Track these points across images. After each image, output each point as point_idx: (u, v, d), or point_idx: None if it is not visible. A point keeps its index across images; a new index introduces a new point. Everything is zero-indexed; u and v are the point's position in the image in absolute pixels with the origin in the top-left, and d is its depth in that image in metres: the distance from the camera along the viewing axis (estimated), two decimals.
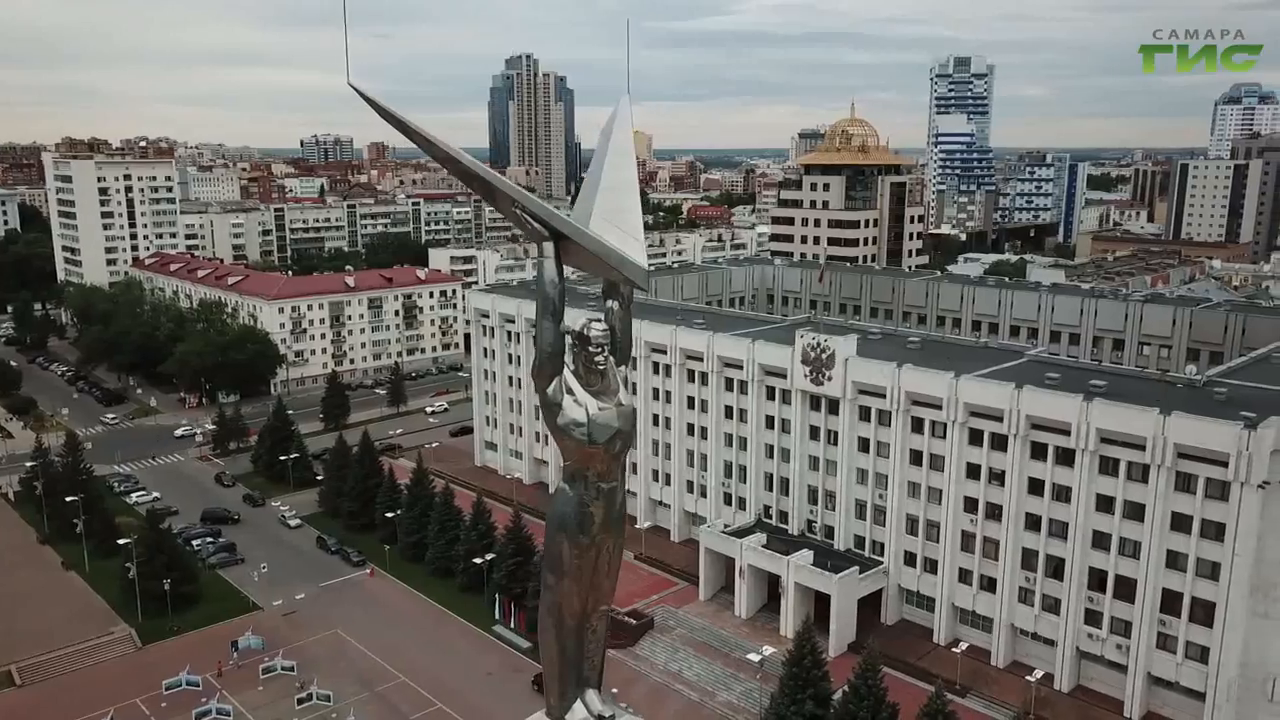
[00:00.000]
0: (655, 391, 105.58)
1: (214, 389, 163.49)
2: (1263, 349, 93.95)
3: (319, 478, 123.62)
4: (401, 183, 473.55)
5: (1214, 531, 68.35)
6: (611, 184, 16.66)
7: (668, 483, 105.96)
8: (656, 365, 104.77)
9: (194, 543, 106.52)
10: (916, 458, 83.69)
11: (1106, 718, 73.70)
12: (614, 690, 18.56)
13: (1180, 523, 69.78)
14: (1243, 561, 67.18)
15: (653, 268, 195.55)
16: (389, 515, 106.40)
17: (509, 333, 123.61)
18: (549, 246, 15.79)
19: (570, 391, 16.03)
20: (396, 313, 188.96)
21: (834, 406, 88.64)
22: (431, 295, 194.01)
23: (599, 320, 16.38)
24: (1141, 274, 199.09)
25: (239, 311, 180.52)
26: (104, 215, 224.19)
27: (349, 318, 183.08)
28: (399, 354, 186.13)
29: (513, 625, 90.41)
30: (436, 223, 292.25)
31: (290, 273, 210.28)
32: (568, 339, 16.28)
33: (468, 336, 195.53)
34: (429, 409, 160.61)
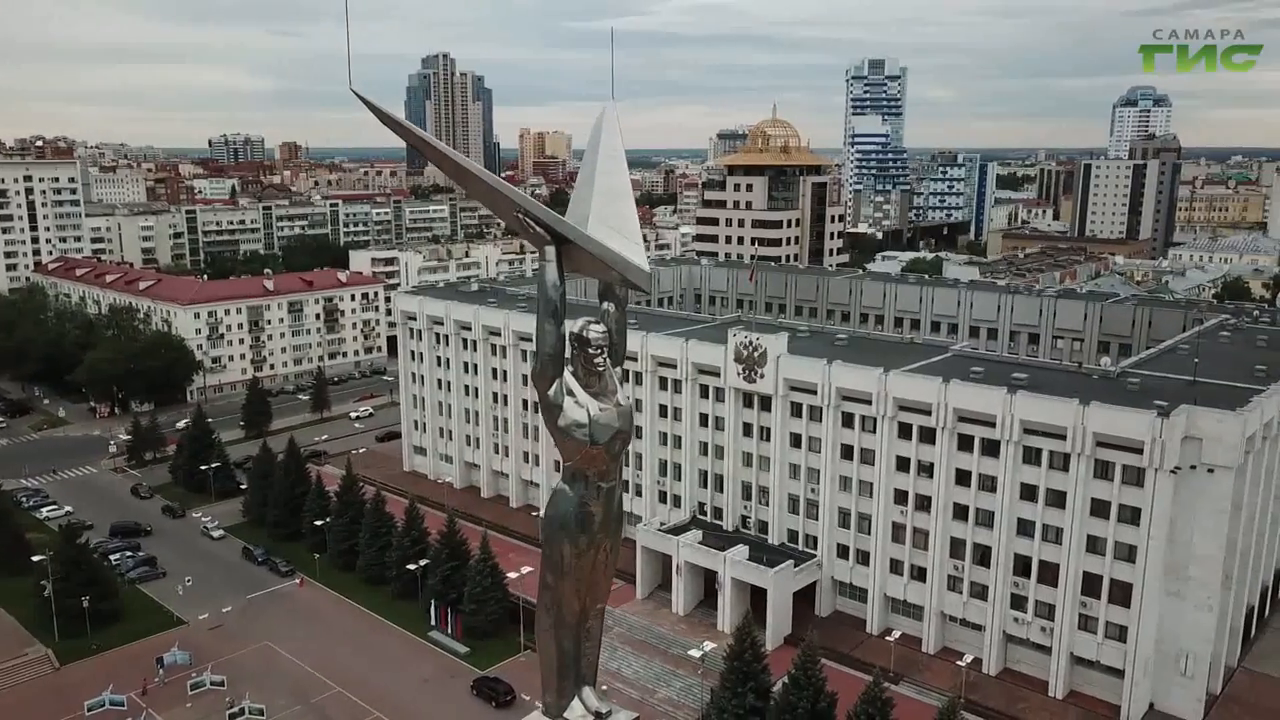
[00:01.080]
0: None
1: (126, 398, 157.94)
2: (1169, 340, 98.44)
3: (242, 487, 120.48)
4: (316, 183, 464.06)
5: (1130, 516, 71.44)
6: (606, 189, 16.89)
7: None
8: None
9: (112, 557, 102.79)
10: (848, 452, 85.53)
11: (1033, 698, 76.33)
12: (604, 688, 18.83)
13: (1099, 508, 72.74)
14: (1157, 544, 70.41)
15: None
16: (318, 523, 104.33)
17: (437, 335, 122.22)
18: (550, 250, 15.97)
19: (571, 393, 16.24)
20: (317, 316, 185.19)
21: (766, 403, 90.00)
22: (353, 298, 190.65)
23: (597, 323, 16.61)
24: (1051, 270, 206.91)
25: (151, 317, 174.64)
26: (2, 219, 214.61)
27: (268, 322, 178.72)
28: (321, 358, 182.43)
29: (449, 631, 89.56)
30: (355, 224, 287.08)
31: (205, 276, 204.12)
32: (567, 342, 16.46)
33: (391, 339, 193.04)
34: (354, 414, 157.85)
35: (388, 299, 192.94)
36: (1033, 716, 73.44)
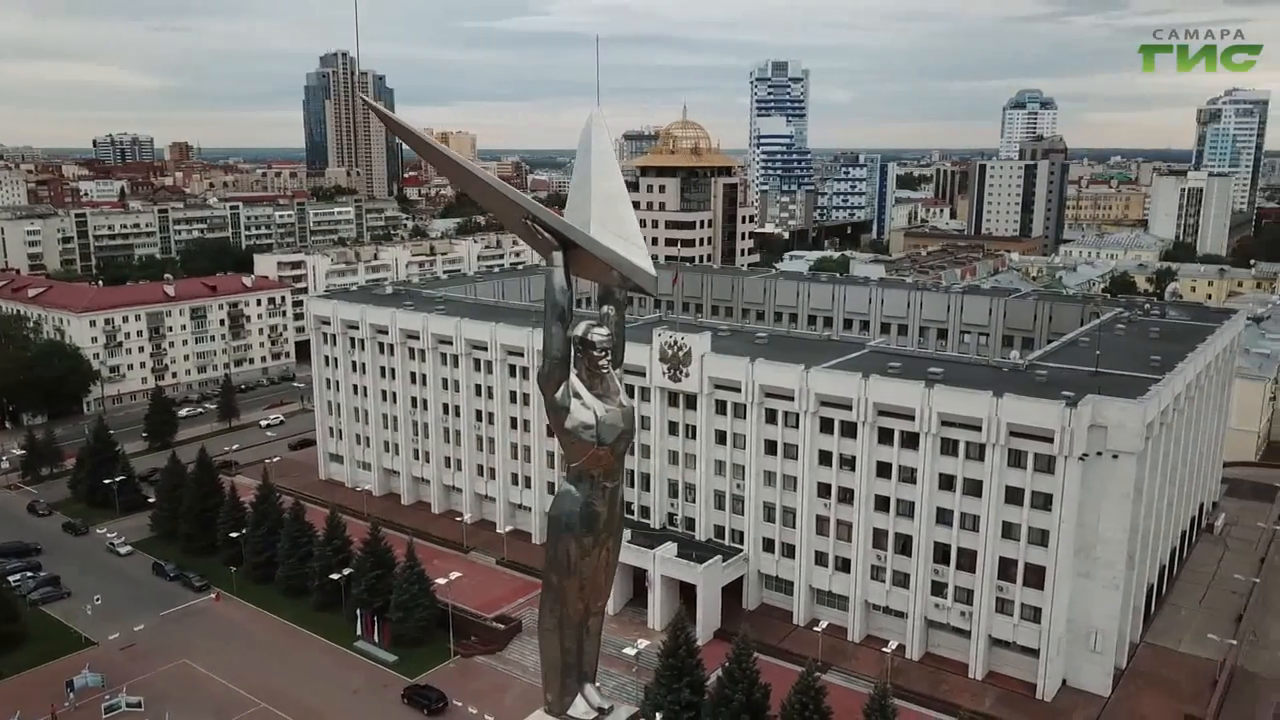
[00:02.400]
0: (513, 395, 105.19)
1: (18, 410, 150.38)
2: (1070, 334, 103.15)
3: (150, 500, 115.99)
4: (211, 185, 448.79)
5: (1043, 502, 74.75)
6: (604, 193, 17.19)
7: (528, 486, 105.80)
8: (513, 368, 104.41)
9: (11, 578, 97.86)
10: (771, 447, 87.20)
11: (954, 680, 79.15)
12: (599, 685, 19.14)
13: (1013, 496, 75.89)
14: (1067, 528, 73.88)
15: (498, 269, 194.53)
16: (233, 535, 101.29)
17: (352, 340, 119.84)
18: (558, 256, 16.18)
19: (578, 395, 16.50)
20: (222, 322, 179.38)
21: (691, 401, 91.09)
22: (259, 303, 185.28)
23: (600, 326, 16.89)
24: (952, 267, 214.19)
25: (43, 326, 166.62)
26: None
27: (170, 329, 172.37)
28: (227, 366, 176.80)
29: (376, 640, 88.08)
30: (258, 227, 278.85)
31: (99, 283, 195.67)
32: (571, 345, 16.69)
33: (300, 345, 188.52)
34: (264, 422, 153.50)
35: (295, 303, 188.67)
36: (954, 698, 76.04)
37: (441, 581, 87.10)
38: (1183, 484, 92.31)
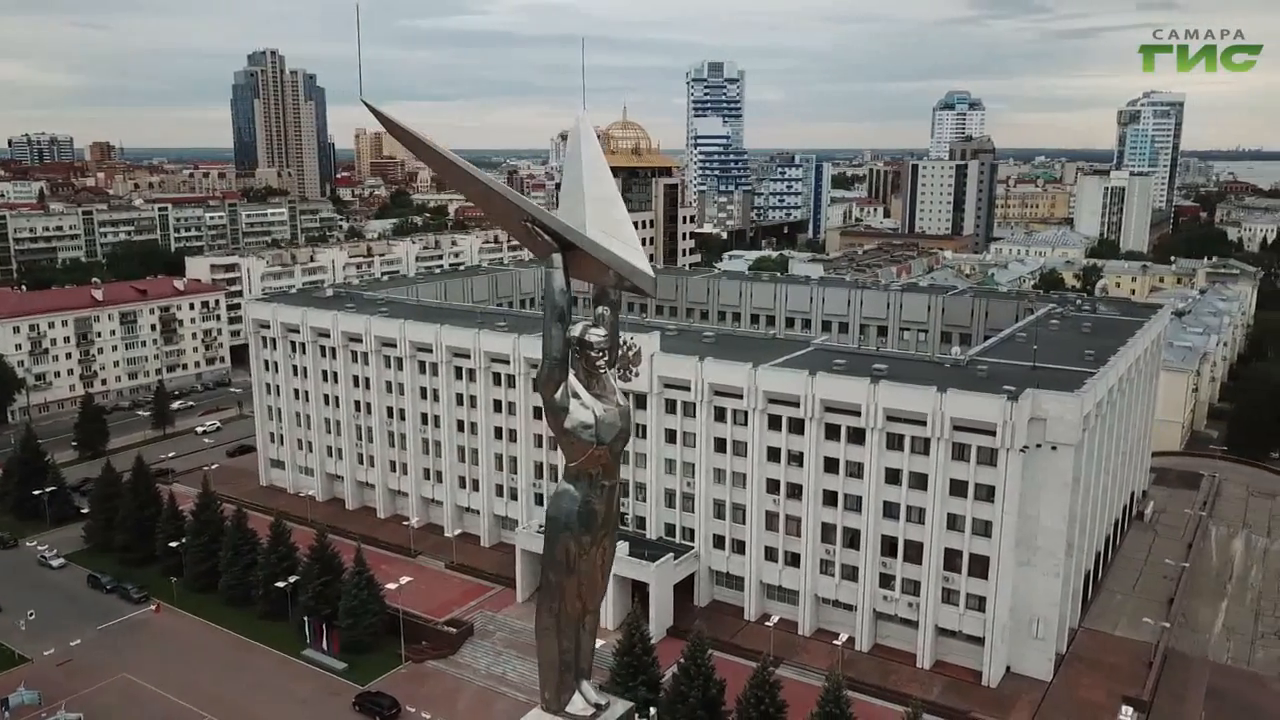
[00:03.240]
0: (459, 397, 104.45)
1: None
2: (1007, 329, 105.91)
3: (82, 511, 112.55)
4: (137, 186, 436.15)
5: (986, 494, 76.73)
6: (598, 196, 17.38)
7: (476, 488, 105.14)
8: (460, 370, 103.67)
9: None
10: (721, 445, 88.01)
11: (902, 670, 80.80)
12: (597, 683, 19.36)
13: (957, 488, 77.78)
14: (1010, 519, 75.95)
15: (437, 270, 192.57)
16: (172, 545, 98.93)
17: (292, 343, 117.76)
18: (557, 258, 16.34)
19: (577, 395, 16.68)
20: (153, 327, 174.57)
21: (641, 401, 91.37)
22: (192, 307, 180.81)
23: (596, 327, 17.08)
24: (888, 265, 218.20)
25: None
26: None
27: (99, 335, 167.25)
28: (159, 371, 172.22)
29: (325, 648, 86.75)
30: (188, 229, 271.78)
31: (22, 287, 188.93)
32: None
33: (235, 349, 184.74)
34: (200, 429, 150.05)
35: (230, 307, 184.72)
36: (904, 688, 77.47)
37: (392, 587, 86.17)
38: (1116, 473, 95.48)
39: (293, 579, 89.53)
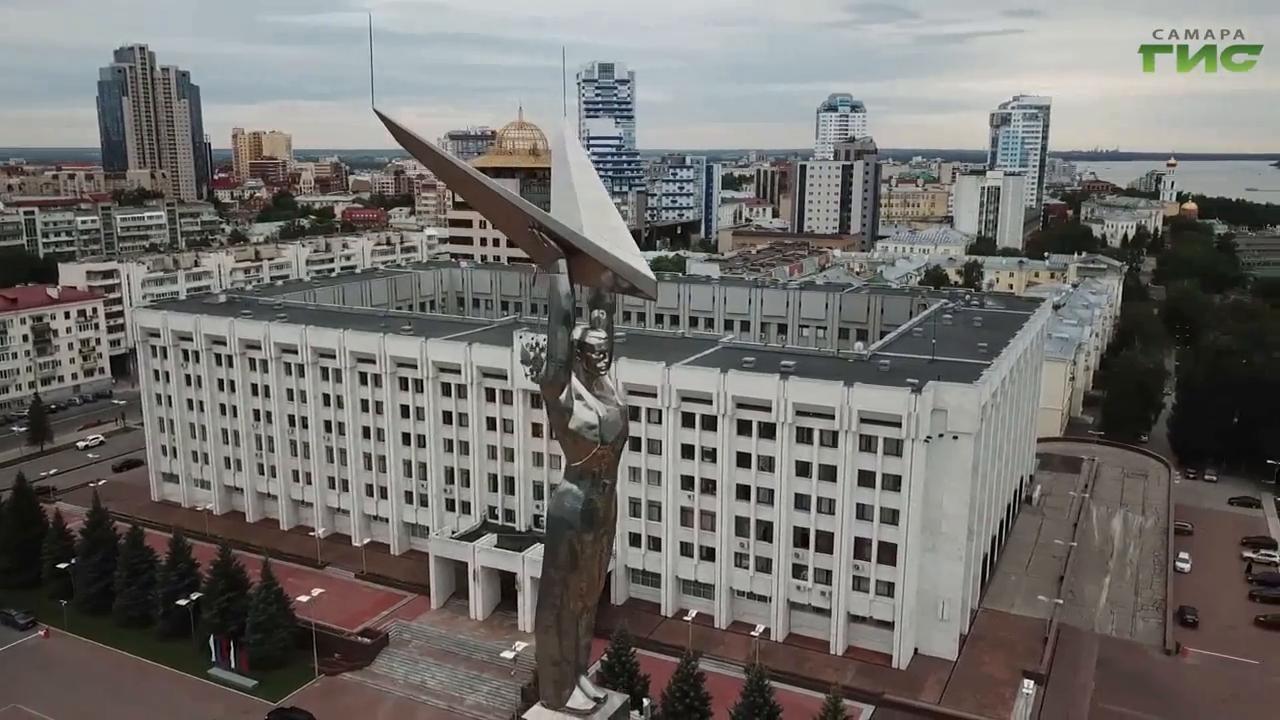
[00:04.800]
0: (365, 403, 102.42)
1: None
2: (903, 325, 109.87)
3: None
4: None
5: (892, 483, 79.69)
6: (592, 203, 17.75)
7: (384, 496, 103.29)
8: (365, 375, 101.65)
9: None
10: (635, 444, 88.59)
11: (817, 658, 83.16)
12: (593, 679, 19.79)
13: (865, 479, 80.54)
14: (916, 507, 79.10)
15: (329, 274, 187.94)
16: (60, 566, 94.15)
17: (185, 352, 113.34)
18: (562, 263, 16.66)
19: (580, 397, 17.04)
20: (25, 338, 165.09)
21: None
22: (68, 316, 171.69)
23: (596, 329, 17.46)
24: (781, 265, 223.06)
25: None
26: None
27: None
28: (33, 384, 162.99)
29: (233, 665, 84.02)
30: (57, 234, 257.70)
31: None
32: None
33: (116, 359, 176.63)
34: (82, 443, 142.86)
35: (110, 315, 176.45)
36: (819, 674, 79.75)
37: (304, 599, 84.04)
38: (1008, 460, 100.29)
39: (195, 596, 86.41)
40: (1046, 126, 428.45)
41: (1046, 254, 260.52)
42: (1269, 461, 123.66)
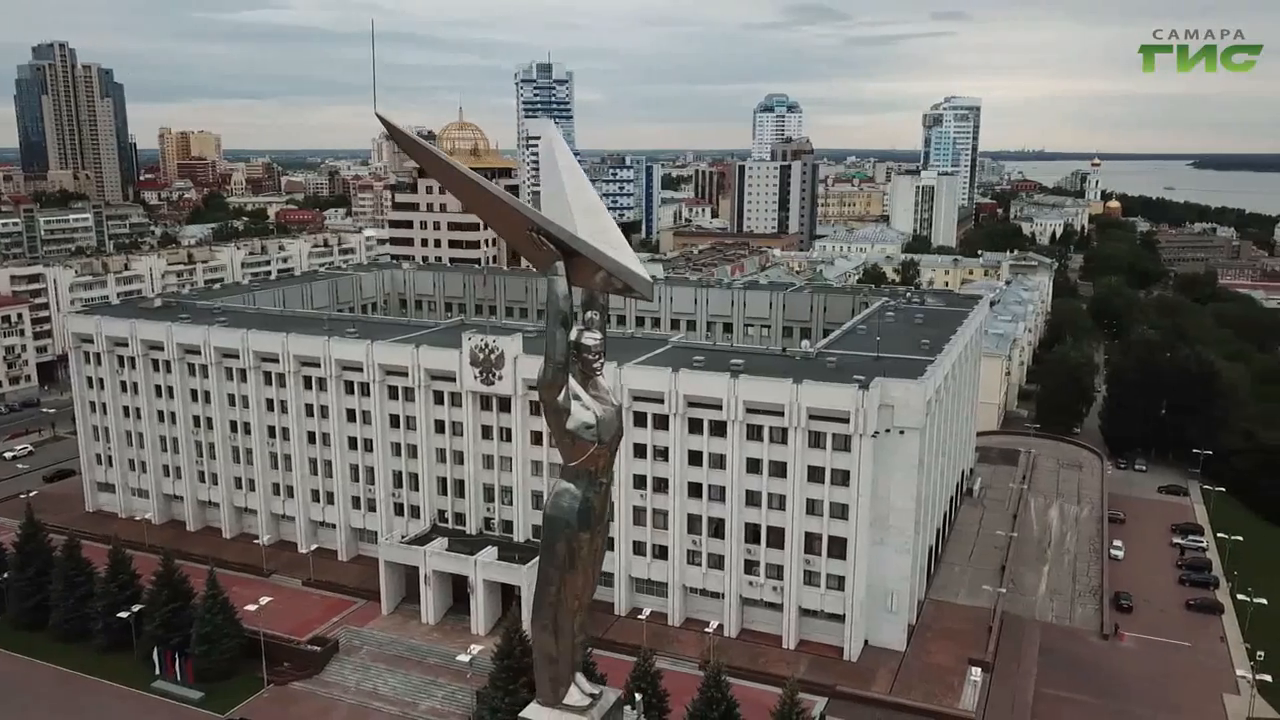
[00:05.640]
0: (309, 408, 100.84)
1: None
2: (847, 323, 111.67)
3: None
4: None
5: (842, 478, 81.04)
6: (584, 206, 17.96)
7: (331, 501, 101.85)
8: (309, 380, 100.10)
9: None
10: None
11: (770, 652, 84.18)
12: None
13: (815, 474, 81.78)
14: (864, 500, 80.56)
15: (265, 276, 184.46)
16: None
17: (121, 358, 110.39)
18: (560, 265, 16.84)
19: (578, 397, 17.25)
20: None
21: (506, 404, 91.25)
22: None
23: (591, 331, 17.67)
24: (723, 264, 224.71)
25: None
26: None
27: None
28: None
29: (178, 677, 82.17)
30: None
31: None
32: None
33: (43, 366, 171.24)
34: (10, 454, 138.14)
35: (36, 321, 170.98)
36: (772, 669, 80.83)
37: (252, 608, 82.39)
38: (950, 454, 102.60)
39: (136, 608, 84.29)
40: (977, 127, 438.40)
41: (980, 252, 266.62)
42: (1194, 451, 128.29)
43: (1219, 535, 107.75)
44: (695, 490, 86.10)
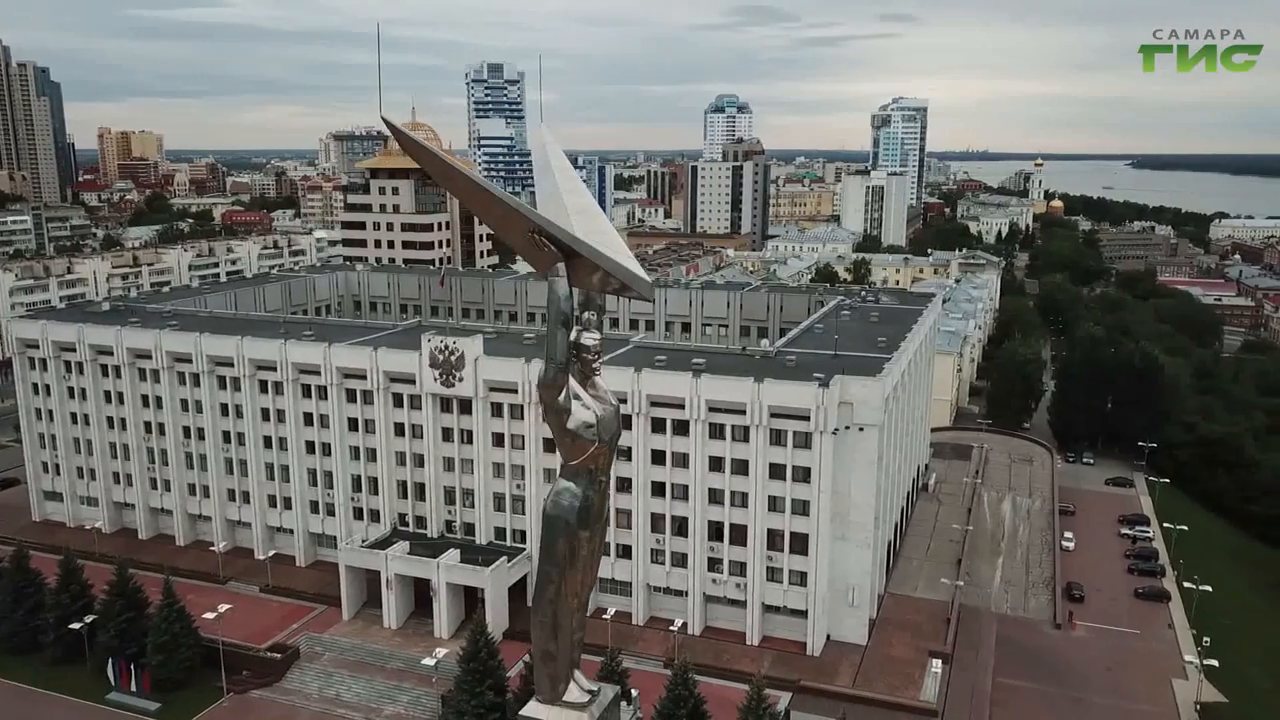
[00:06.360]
0: (265, 412, 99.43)
1: None
2: (804, 322, 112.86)
3: None
4: None
5: (803, 475, 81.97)
6: (580, 209, 18.16)
7: (288, 506, 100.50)
8: (265, 383, 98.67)
9: None
10: (551, 445, 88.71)
11: (733, 649, 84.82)
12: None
13: (777, 471, 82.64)
14: (825, 497, 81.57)
15: (213, 279, 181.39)
16: None
17: (68, 363, 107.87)
18: (561, 267, 17.02)
19: (578, 397, 17.46)
20: None
21: (466, 406, 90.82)
22: None
23: (590, 331, 17.87)
24: (678, 264, 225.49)
25: None
26: None
27: None
28: None
29: (134, 689, 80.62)
30: None
31: None
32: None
33: None
34: None
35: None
36: (736, 665, 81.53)
37: (210, 616, 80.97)
38: (906, 450, 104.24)
39: (89, 619, 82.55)
40: (924, 127, 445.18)
41: (930, 251, 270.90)
42: (1139, 444, 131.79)
43: (1164, 525, 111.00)
44: (659, 489, 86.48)
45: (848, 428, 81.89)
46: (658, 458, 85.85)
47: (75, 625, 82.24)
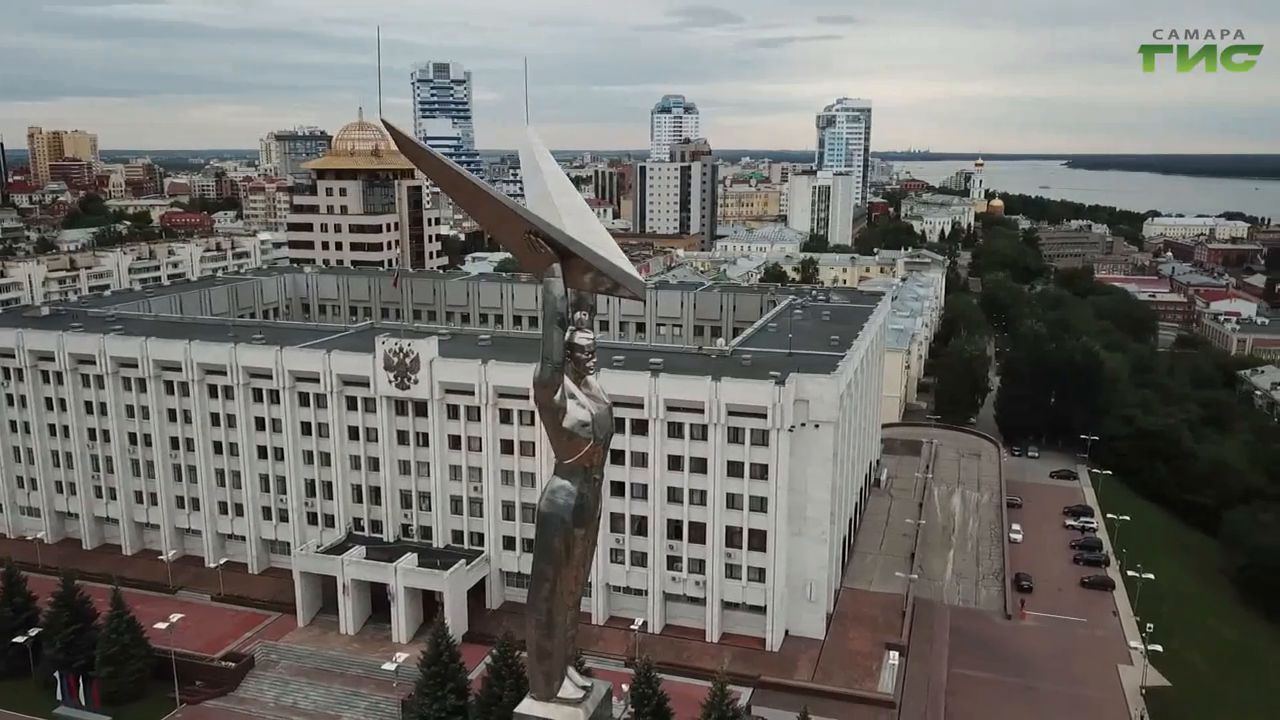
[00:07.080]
0: (215, 417, 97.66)
1: None
2: (758, 321, 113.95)
3: None
4: None
5: (760, 472, 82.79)
6: (571, 209, 18.32)
7: (240, 513, 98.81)
8: (214, 388, 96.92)
9: None
10: (508, 447, 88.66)
11: (693, 646, 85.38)
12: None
13: (734, 469, 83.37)
14: (782, 494, 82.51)
15: (168, 283, 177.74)
16: None
17: (6, 370, 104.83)
18: (557, 267, 17.17)
19: (573, 396, 17.63)
20: None
21: (421, 408, 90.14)
22: None
23: (584, 330, 18.03)
24: None
25: None
26: None
27: None
28: None
29: (83, 702, 78.70)
30: None
31: None
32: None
33: None
34: None
35: None
36: (697, 662, 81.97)
37: (162, 626, 79.30)
38: (859, 447, 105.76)
39: (34, 631, 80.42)
40: (868, 128, 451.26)
41: (876, 250, 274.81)
42: (1082, 437, 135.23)
43: (1108, 516, 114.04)
44: (618, 489, 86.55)
45: (804, 425, 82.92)
46: (617, 457, 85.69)
47: (19, 639, 80.00)
